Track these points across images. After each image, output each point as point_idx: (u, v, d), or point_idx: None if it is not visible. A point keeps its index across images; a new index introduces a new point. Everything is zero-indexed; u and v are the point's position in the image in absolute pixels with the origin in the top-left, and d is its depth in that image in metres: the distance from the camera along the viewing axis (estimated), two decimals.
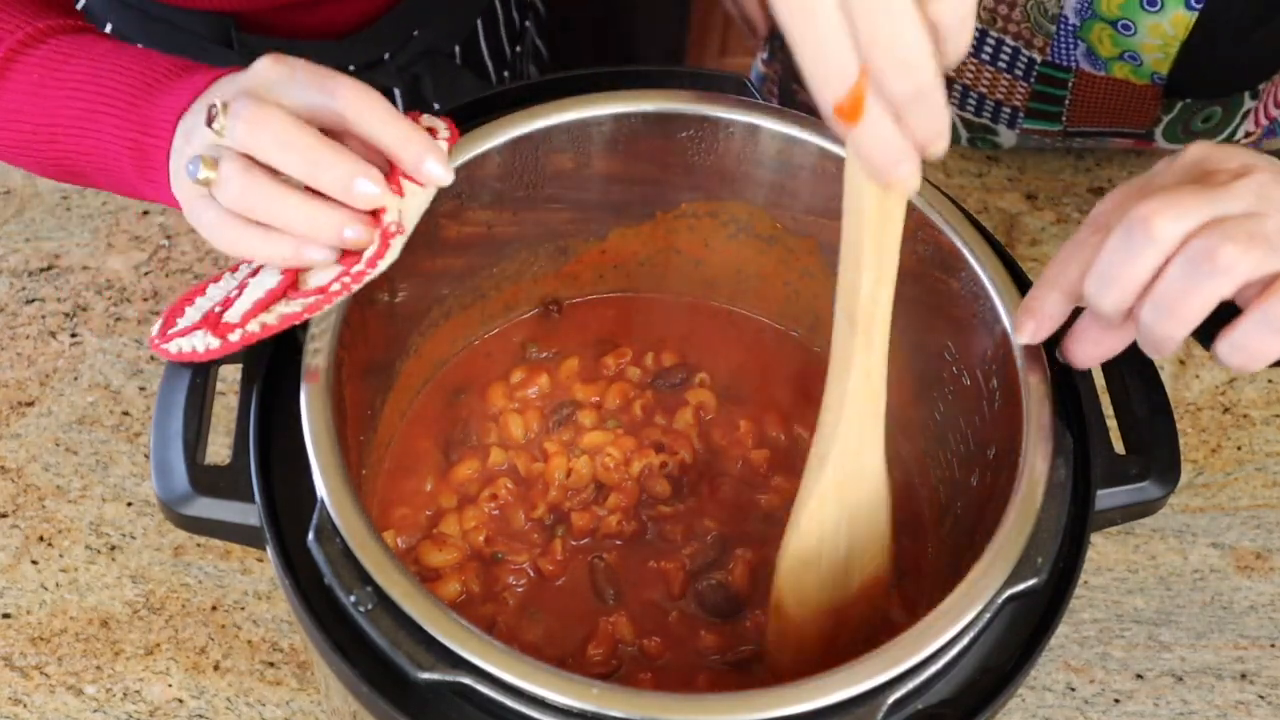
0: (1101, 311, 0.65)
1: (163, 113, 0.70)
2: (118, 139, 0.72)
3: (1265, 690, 0.92)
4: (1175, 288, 0.61)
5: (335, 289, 0.66)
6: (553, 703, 0.57)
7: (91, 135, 0.73)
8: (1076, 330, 0.69)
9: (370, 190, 0.65)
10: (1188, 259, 0.61)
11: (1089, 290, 0.65)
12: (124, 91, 0.72)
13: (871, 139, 0.56)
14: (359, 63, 1.13)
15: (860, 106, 0.55)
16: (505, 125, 0.77)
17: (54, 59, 0.75)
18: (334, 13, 1.09)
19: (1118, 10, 1.01)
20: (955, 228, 0.75)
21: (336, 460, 0.63)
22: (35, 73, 0.75)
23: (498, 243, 0.83)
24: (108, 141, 0.73)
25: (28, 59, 0.75)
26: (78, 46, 0.75)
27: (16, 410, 0.99)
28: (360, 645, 0.61)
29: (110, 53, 0.75)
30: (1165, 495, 0.69)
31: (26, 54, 0.76)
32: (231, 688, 0.88)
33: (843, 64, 0.54)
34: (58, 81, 0.74)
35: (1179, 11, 0.99)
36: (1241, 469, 1.02)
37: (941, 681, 0.63)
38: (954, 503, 0.78)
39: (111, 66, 0.73)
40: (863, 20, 0.53)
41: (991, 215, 1.15)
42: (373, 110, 0.65)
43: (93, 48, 0.75)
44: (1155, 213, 0.61)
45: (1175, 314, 0.62)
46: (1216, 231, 0.60)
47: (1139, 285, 0.63)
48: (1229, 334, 0.63)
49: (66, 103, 0.74)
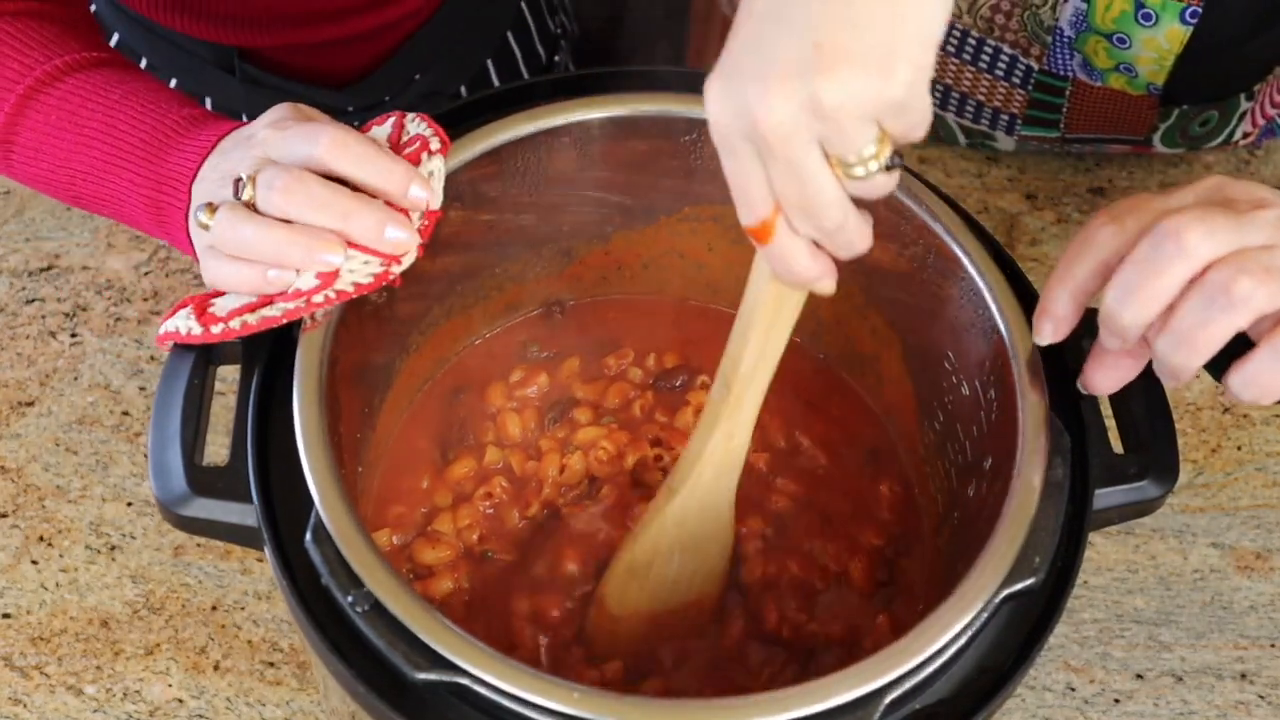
0: (1118, 326, 0.64)
1: (175, 170, 0.74)
2: (134, 193, 0.76)
3: (1265, 690, 0.92)
4: (1191, 319, 0.61)
5: (318, 300, 0.68)
6: (540, 705, 0.57)
7: (108, 186, 0.77)
8: (1093, 359, 0.69)
9: (400, 235, 0.69)
10: (1204, 291, 0.61)
11: (1110, 300, 0.64)
12: (138, 148, 0.76)
13: (781, 258, 0.61)
14: (359, 105, 1.14)
15: (769, 233, 0.60)
16: (506, 127, 0.77)
17: (71, 101, 0.78)
18: (336, 58, 1.12)
19: (1112, 24, 1.01)
20: (954, 233, 0.75)
21: (328, 461, 0.64)
22: (53, 114, 0.78)
23: (500, 244, 0.83)
24: (124, 194, 0.76)
25: (46, 98, 0.78)
26: (94, 88, 0.78)
27: (16, 410, 1.00)
28: (357, 646, 0.61)
29: (126, 99, 0.77)
30: (1164, 494, 0.69)
31: (45, 93, 0.78)
32: (231, 688, 0.88)
33: (754, 201, 0.59)
34: (75, 127, 0.77)
35: (1174, 26, 0.99)
36: (1241, 469, 1.02)
37: (939, 681, 0.63)
38: (951, 513, 0.78)
39: (125, 118, 0.77)
40: (773, 171, 0.57)
41: (991, 215, 1.15)
42: (347, 153, 0.69)
43: (109, 92, 0.78)
44: (1187, 227, 0.61)
45: (1191, 344, 0.62)
46: (1234, 263, 0.61)
47: (1162, 301, 0.62)
48: (1241, 367, 0.63)
49: (83, 150, 0.77)
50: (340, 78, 1.14)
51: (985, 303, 0.72)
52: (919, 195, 0.76)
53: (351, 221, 0.67)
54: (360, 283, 0.68)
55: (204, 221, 0.69)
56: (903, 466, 0.84)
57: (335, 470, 0.64)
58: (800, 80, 0.54)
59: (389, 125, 0.75)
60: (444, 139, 0.74)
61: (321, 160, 0.68)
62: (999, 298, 0.72)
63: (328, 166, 0.68)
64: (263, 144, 0.70)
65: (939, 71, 1.11)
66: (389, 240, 0.68)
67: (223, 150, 0.73)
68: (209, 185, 0.72)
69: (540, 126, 0.78)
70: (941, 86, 1.12)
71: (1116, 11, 1.00)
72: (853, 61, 0.54)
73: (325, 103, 1.09)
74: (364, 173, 0.69)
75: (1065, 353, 0.71)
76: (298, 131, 0.69)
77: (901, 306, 0.80)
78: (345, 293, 0.68)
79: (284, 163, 0.69)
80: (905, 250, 0.77)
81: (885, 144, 0.56)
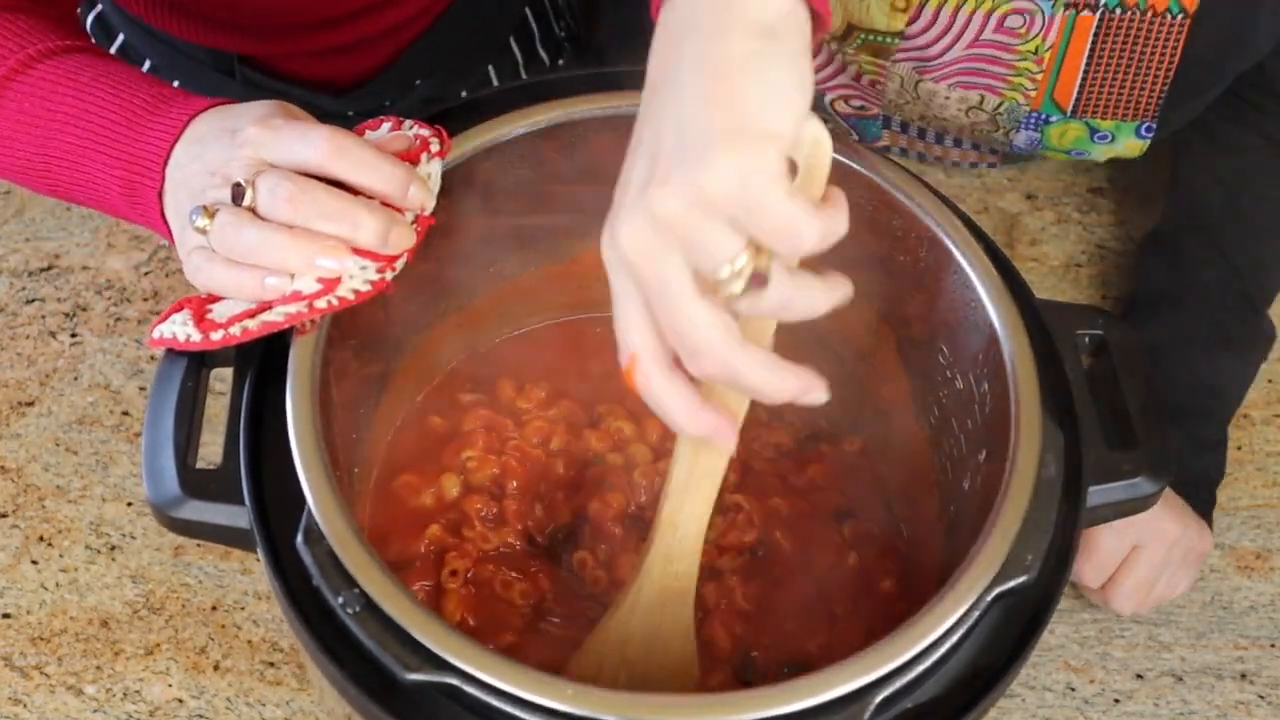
0: None
1: (147, 149, 0.73)
2: (106, 174, 0.75)
3: (1265, 690, 0.92)
4: None
5: (320, 305, 0.67)
6: (533, 703, 0.57)
7: (83, 169, 0.76)
8: None
9: (405, 240, 0.69)
10: None
11: None
12: (108, 128, 0.74)
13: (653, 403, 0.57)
14: (359, 110, 1.14)
15: (630, 378, 0.57)
16: (500, 126, 0.77)
17: (42, 87, 0.77)
18: (336, 64, 1.12)
19: (1070, 145, 1.03)
20: (946, 229, 0.74)
21: (320, 462, 0.63)
22: (26, 101, 0.77)
23: (496, 245, 0.83)
24: (98, 176, 0.75)
25: (19, 85, 0.77)
26: (65, 73, 0.77)
27: (16, 410, 1.00)
28: (349, 646, 0.61)
29: (96, 82, 0.76)
30: (1158, 491, 0.69)
31: (17, 81, 0.78)
32: (231, 688, 0.88)
33: (621, 332, 0.57)
34: (48, 113, 0.76)
35: (1131, 140, 1.00)
36: (1241, 469, 1.02)
37: (931, 680, 0.62)
38: (948, 507, 0.78)
39: (96, 100, 0.76)
40: (656, 309, 0.55)
41: (992, 215, 1.15)
42: (347, 156, 0.68)
43: (79, 75, 0.77)
44: None
45: None
46: None
47: None
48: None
49: (57, 135, 0.76)
50: (341, 83, 1.14)
51: (979, 298, 0.72)
52: (913, 192, 0.75)
53: (360, 230, 0.67)
54: (359, 289, 0.68)
55: (202, 225, 0.68)
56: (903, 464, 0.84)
57: (328, 471, 0.64)
58: (643, 196, 0.53)
59: (384, 129, 0.75)
60: (445, 140, 0.74)
61: (321, 164, 0.68)
62: (992, 293, 0.72)
63: (327, 170, 0.68)
64: (253, 144, 0.69)
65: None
66: (392, 243, 0.68)
67: (199, 138, 0.72)
68: (191, 177, 0.71)
69: (535, 127, 0.77)
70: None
71: (1071, 137, 1.02)
72: (679, 164, 0.52)
73: (325, 108, 1.10)
74: (363, 176, 0.69)
75: (1059, 349, 0.71)
76: (292, 132, 0.69)
77: (897, 301, 0.80)
78: (346, 299, 0.68)
79: (281, 166, 0.68)
80: (900, 246, 0.77)
81: (764, 256, 0.53)
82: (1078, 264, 1.13)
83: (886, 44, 0.96)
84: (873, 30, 0.95)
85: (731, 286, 0.53)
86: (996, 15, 0.93)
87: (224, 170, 0.69)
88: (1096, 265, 1.13)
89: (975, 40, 0.95)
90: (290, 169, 0.68)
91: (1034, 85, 0.97)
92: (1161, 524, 0.90)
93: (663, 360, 0.56)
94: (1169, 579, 0.92)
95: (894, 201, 0.76)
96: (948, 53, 0.96)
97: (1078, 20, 0.92)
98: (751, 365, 0.55)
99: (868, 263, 0.80)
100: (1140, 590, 0.91)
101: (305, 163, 0.68)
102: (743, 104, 0.52)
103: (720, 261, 0.53)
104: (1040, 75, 0.96)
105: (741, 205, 0.51)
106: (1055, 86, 0.96)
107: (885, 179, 0.76)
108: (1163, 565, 0.91)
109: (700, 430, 0.58)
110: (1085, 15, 0.91)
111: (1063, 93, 0.97)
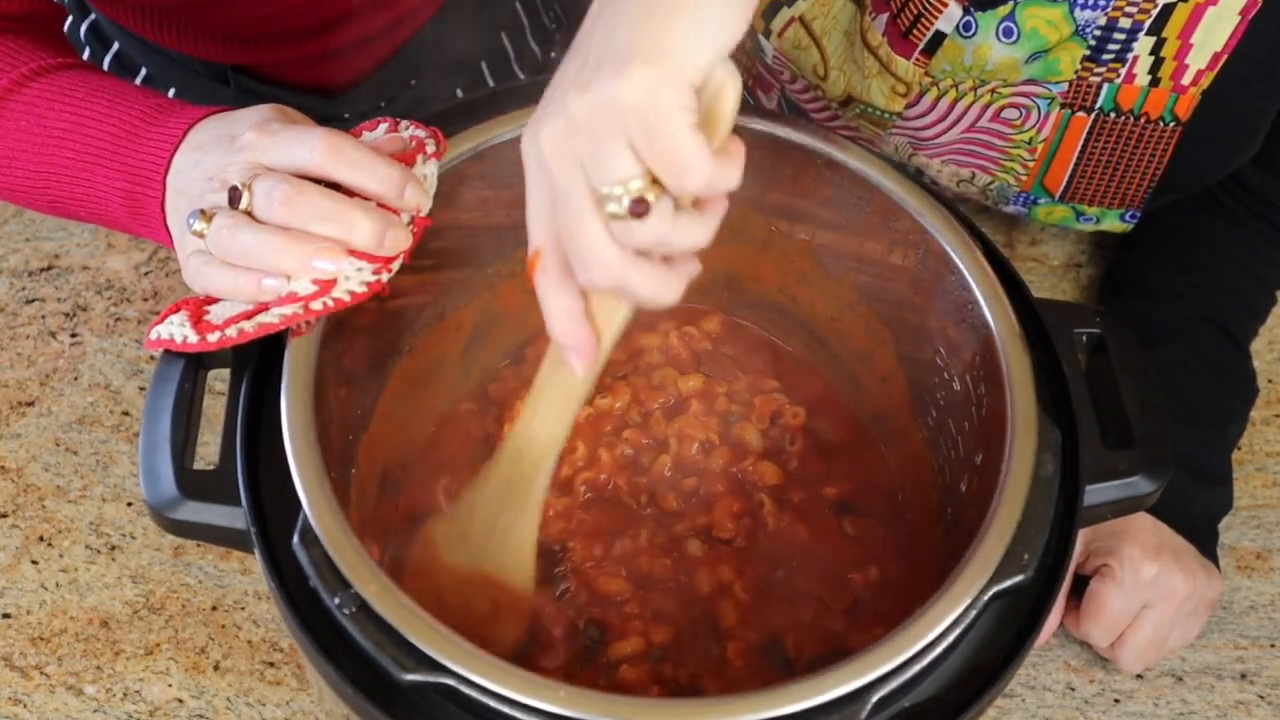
0: None
1: (147, 161, 0.74)
2: (108, 188, 0.76)
3: (1265, 690, 0.91)
4: None
5: (316, 307, 0.68)
6: (526, 705, 0.57)
7: (83, 184, 0.77)
8: None
9: (401, 241, 0.69)
10: None
11: None
12: (108, 142, 0.75)
13: (549, 308, 0.62)
14: (353, 112, 1.15)
15: (532, 269, 0.61)
16: (496, 127, 0.77)
17: (38, 105, 0.78)
18: (328, 69, 1.12)
19: (1055, 221, 1.04)
20: (942, 229, 0.74)
21: (316, 464, 0.64)
22: (23, 119, 0.78)
23: (492, 244, 0.83)
24: (99, 191, 0.76)
25: (14, 104, 0.78)
26: (59, 90, 0.78)
27: (16, 410, 1.00)
28: (346, 647, 0.61)
29: (92, 97, 0.77)
30: (1156, 490, 0.69)
31: (12, 100, 0.78)
32: (231, 688, 0.88)
33: (530, 224, 0.61)
34: (45, 130, 0.77)
35: (1115, 223, 1.01)
36: (1241, 469, 1.01)
37: (928, 679, 0.62)
38: (945, 508, 0.78)
39: (93, 115, 0.76)
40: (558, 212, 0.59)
41: (992, 215, 1.14)
42: (343, 157, 0.69)
43: (74, 91, 0.78)
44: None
45: None
46: None
47: None
48: None
49: (56, 151, 0.77)
50: (336, 86, 1.14)
51: (975, 298, 0.72)
52: (910, 194, 0.76)
53: (356, 232, 0.68)
54: (355, 291, 0.68)
55: (199, 229, 0.69)
56: (901, 464, 0.84)
57: (324, 473, 0.64)
58: (564, 98, 0.56)
59: (380, 131, 0.75)
60: (441, 141, 0.74)
61: (317, 166, 0.68)
62: (988, 293, 0.72)
63: (323, 172, 0.69)
64: (251, 148, 0.69)
65: None
66: (388, 244, 0.69)
67: (199, 145, 0.73)
68: (191, 184, 0.72)
69: None
70: None
71: (1058, 216, 1.03)
72: (597, 70, 0.55)
73: (320, 111, 1.10)
74: (359, 178, 0.69)
75: (1056, 348, 0.71)
76: (289, 136, 0.69)
77: (895, 303, 0.80)
78: (342, 301, 0.68)
79: (278, 169, 0.69)
80: (897, 247, 0.77)
81: (654, 188, 0.55)
82: (1078, 264, 1.13)
83: (884, 119, 0.97)
84: (872, 105, 0.96)
85: (612, 205, 0.56)
86: (994, 108, 0.94)
87: (222, 175, 0.70)
88: (1097, 265, 1.13)
89: (971, 127, 0.96)
90: (287, 172, 0.68)
91: (1025, 171, 0.98)
92: (1171, 582, 0.87)
93: (559, 262, 0.60)
94: (1180, 632, 0.90)
95: (892, 204, 0.76)
96: (943, 135, 0.98)
97: (1073, 119, 0.93)
98: (641, 273, 0.58)
99: (866, 263, 0.80)
100: (1151, 649, 0.89)
101: (302, 165, 0.68)
102: (669, 32, 0.54)
103: (610, 178, 0.55)
104: (1033, 163, 0.97)
105: (643, 123, 0.54)
106: (1046, 174, 0.98)
107: (884, 180, 0.76)
108: (1173, 622, 0.89)
109: (566, 340, 0.63)
110: (1080, 115, 0.93)
111: (1053, 180, 0.98)
